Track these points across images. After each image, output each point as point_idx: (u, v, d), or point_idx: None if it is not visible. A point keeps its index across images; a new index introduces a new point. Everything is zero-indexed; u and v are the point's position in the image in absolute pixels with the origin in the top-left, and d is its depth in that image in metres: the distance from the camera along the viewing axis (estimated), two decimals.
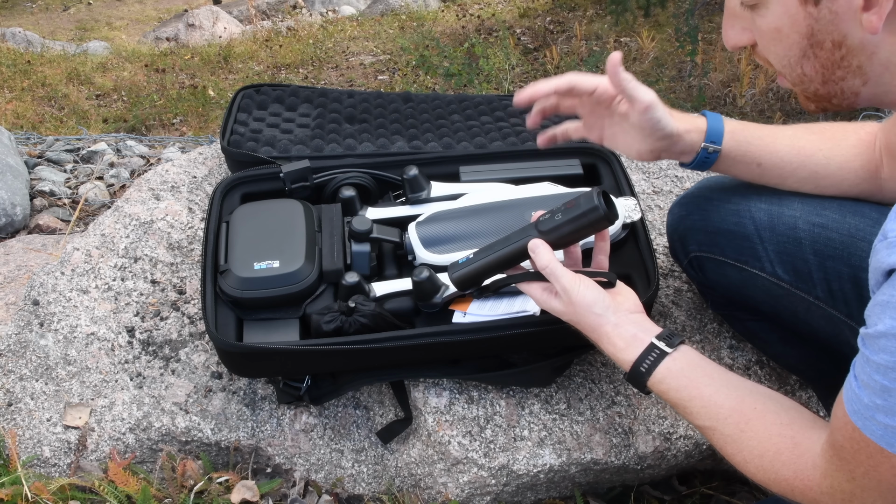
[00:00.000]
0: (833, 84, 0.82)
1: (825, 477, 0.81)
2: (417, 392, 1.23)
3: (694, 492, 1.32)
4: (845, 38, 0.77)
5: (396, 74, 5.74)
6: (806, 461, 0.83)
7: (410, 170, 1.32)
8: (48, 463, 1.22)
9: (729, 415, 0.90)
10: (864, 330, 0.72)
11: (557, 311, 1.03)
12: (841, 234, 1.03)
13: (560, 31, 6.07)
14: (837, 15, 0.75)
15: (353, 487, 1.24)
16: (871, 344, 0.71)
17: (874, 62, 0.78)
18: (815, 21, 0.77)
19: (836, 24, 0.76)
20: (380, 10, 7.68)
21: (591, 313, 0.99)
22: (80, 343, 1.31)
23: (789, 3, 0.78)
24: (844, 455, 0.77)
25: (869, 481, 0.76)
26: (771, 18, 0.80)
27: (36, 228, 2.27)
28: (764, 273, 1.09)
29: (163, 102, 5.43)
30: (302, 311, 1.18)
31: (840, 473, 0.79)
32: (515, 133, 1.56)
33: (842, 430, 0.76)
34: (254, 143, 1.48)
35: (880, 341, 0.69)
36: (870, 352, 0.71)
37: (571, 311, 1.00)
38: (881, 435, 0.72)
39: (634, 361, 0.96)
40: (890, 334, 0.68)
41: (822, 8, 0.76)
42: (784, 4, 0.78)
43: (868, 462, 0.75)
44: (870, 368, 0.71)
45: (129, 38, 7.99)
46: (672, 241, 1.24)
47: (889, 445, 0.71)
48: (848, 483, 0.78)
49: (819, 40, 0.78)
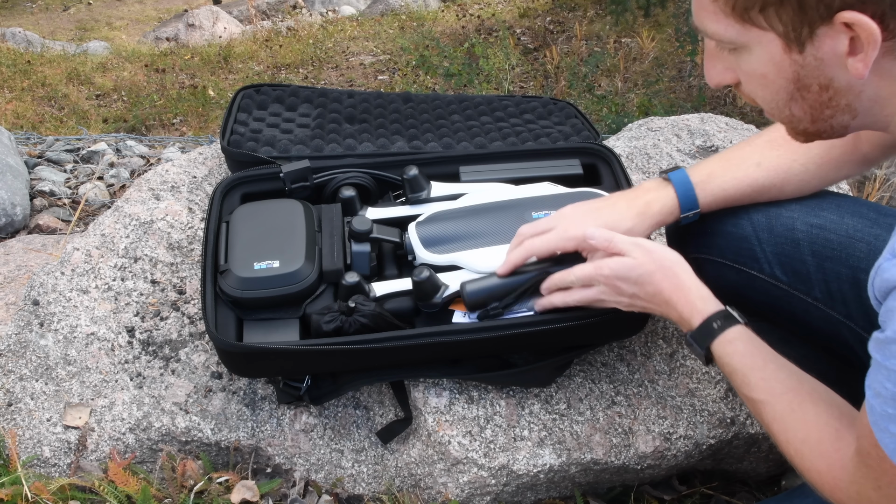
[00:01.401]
0: (822, 122, 0.80)
1: (853, 482, 0.80)
2: (417, 392, 1.23)
3: (694, 492, 1.32)
4: (832, 80, 0.75)
5: (396, 74, 5.74)
6: (840, 458, 0.82)
7: (410, 170, 1.32)
8: (48, 463, 1.22)
9: (784, 392, 0.89)
10: (876, 335, 0.71)
11: (624, 273, 1.01)
12: (839, 235, 1.03)
13: (560, 31, 6.07)
14: (823, 61, 0.74)
15: (353, 487, 1.24)
16: (884, 350, 0.70)
17: (862, 99, 0.76)
18: (801, 67, 0.75)
19: (822, 69, 0.74)
20: (380, 10, 7.68)
21: (670, 261, 1.00)
22: (80, 343, 1.31)
23: (773, 51, 0.76)
24: (870, 463, 0.76)
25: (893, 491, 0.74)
26: (755, 64, 0.78)
27: (36, 228, 2.27)
28: (762, 274, 1.09)
29: (163, 102, 5.43)
30: (302, 311, 1.18)
31: (867, 481, 0.77)
32: (515, 133, 1.56)
33: (867, 438, 0.75)
34: (254, 143, 1.48)
35: (891, 346, 0.69)
36: (881, 357, 0.70)
37: (649, 259, 1.00)
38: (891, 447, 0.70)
39: (709, 316, 0.96)
40: None
41: (808, 55, 0.74)
42: (768, 51, 0.76)
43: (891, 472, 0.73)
44: (881, 375, 0.70)
45: (129, 38, 7.99)
46: (670, 242, 1.24)
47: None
48: (874, 492, 0.77)
49: (806, 84, 0.77)
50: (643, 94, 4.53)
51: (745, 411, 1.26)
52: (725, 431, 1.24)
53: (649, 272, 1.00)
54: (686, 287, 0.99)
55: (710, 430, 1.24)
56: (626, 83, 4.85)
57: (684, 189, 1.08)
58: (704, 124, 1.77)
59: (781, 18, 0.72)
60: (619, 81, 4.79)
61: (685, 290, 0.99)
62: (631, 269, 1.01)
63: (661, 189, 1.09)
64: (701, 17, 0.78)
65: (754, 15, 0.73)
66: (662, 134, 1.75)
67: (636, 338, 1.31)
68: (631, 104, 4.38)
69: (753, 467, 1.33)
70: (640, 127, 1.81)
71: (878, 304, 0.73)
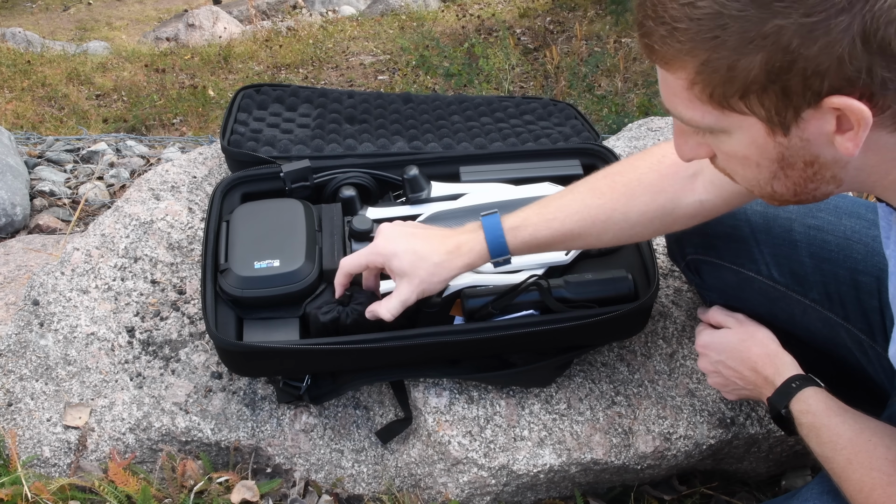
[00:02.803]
0: (806, 194, 0.77)
1: None
2: (417, 392, 1.23)
3: (694, 492, 1.32)
4: (818, 157, 0.71)
5: (396, 74, 5.74)
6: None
7: (411, 170, 1.32)
8: (48, 463, 1.22)
9: (845, 446, 0.89)
10: None
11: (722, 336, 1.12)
12: (836, 237, 1.03)
13: (560, 31, 6.07)
14: (809, 141, 0.70)
15: (353, 487, 1.24)
16: None
17: (848, 169, 0.73)
18: (786, 149, 0.71)
19: (808, 148, 0.71)
20: (380, 10, 7.68)
21: (767, 336, 1.07)
22: (80, 343, 1.31)
23: (756, 135, 0.71)
24: None
25: None
26: (736, 147, 0.74)
27: (36, 228, 2.27)
28: (760, 276, 1.09)
29: (163, 102, 5.43)
30: (302, 310, 1.18)
31: None
32: (515, 134, 1.56)
33: None
34: (254, 143, 1.48)
35: None
36: None
37: (745, 333, 1.09)
38: None
39: (790, 377, 1.00)
40: None
41: (793, 137, 0.69)
42: (750, 135, 0.71)
43: None
44: None
45: (129, 38, 7.99)
46: (669, 245, 1.24)
47: None
48: None
49: (791, 163, 0.72)
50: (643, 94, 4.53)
51: (744, 411, 1.26)
52: (725, 431, 1.24)
53: (742, 339, 1.09)
54: (772, 357, 1.05)
55: (710, 430, 1.24)
56: (626, 83, 4.85)
57: (494, 236, 1.06)
58: None
59: (764, 104, 0.68)
60: (619, 81, 4.80)
61: (772, 358, 1.05)
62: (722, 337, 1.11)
63: (473, 232, 1.08)
64: (674, 103, 0.73)
65: (734, 102, 0.68)
66: (662, 134, 1.75)
67: (636, 338, 1.31)
68: (631, 104, 4.39)
69: (753, 467, 1.33)
70: (640, 127, 1.82)
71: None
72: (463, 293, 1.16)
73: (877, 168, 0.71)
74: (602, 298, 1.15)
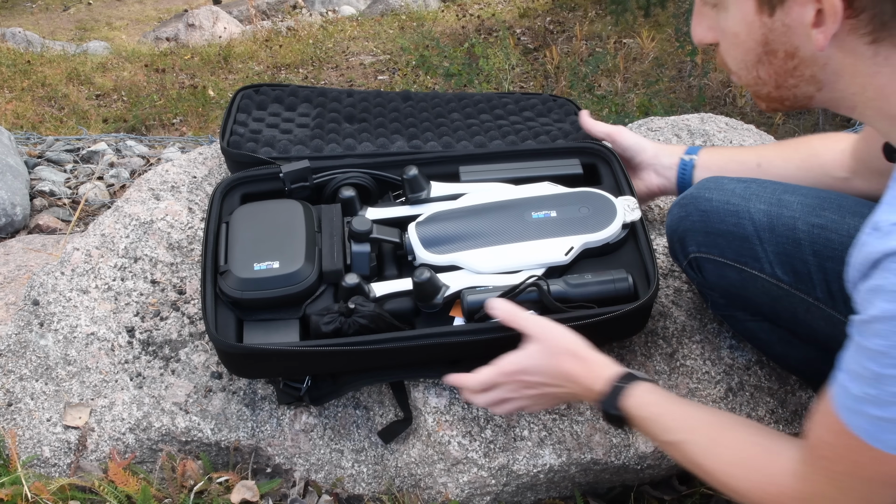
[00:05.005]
0: (786, 89, 0.83)
1: (802, 480, 0.81)
2: (417, 392, 1.23)
3: (694, 492, 1.32)
4: (798, 49, 0.78)
5: (396, 74, 5.74)
6: (779, 465, 0.84)
7: (410, 170, 1.32)
8: (48, 463, 1.22)
9: (701, 426, 0.93)
10: (855, 318, 0.72)
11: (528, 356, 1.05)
12: (840, 235, 1.03)
13: (560, 31, 6.07)
14: (790, 28, 0.76)
15: (353, 487, 1.24)
16: (864, 330, 0.71)
17: (827, 71, 0.79)
18: (770, 31, 0.78)
19: (789, 35, 0.77)
20: (380, 10, 7.68)
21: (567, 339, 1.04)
22: (80, 343, 1.31)
23: (746, 10, 0.79)
24: (825, 453, 0.78)
25: (851, 482, 0.76)
26: (731, 22, 0.82)
27: (36, 228, 2.27)
28: (763, 274, 1.09)
29: (163, 102, 5.43)
30: (302, 311, 1.18)
31: (818, 475, 0.79)
32: (515, 131, 1.55)
33: (825, 428, 0.77)
34: (253, 143, 1.48)
35: (874, 325, 0.69)
36: (862, 338, 0.71)
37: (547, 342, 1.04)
38: (867, 430, 0.72)
39: (613, 378, 1.00)
40: (884, 318, 0.68)
41: (776, 20, 0.77)
42: (742, 11, 0.79)
43: (851, 461, 0.75)
44: (862, 357, 0.71)
45: (129, 38, 8.00)
46: (671, 242, 1.24)
47: (876, 441, 0.71)
48: (827, 485, 0.78)
49: (773, 49, 0.80)
50: (643, 94, 4.53)
51: (744, 411, 1.26)
52: None
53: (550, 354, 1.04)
54: (586, 359, 1.03)
55: None
56: (626, 83, 4.85)
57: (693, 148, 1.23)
58: (704, 124, 1.77)
59: None
60: (620, 81, 4.80)
61: (587, 361, 1.03)
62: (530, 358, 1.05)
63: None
64: None
65: None
66: (662, 134, 1.75)
67: (636, 338, 1.31)
68: (631, 104, 4.39)
69: None
70: (641, 127, 1.81)
71: (855, 285, 0.74)
72: (462, 294, 1.16)
73: (854, 79, 0.77)
74: (601, 299, 1.14)
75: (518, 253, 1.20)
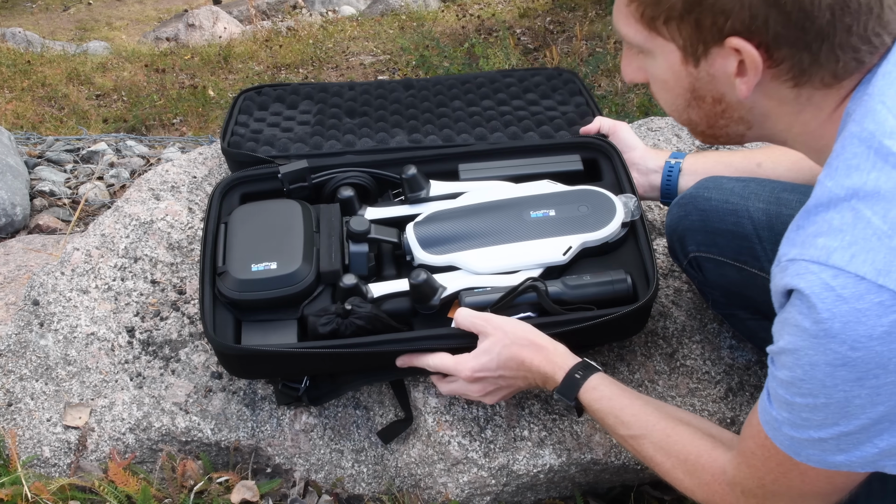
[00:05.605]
0: (719, 129, 0.86)
1: (735, 484, 0.85)
2: (417, 392, 1.23)
3: None
4: (724, 95, 0.81)
5: (396, 74, 5.74)
6: (718, 469, 0.88)
7: (409, 169, 1.32)
8: (48, 463, 1.22)
9: (657, 422, 0.96)
10: (769, 347, 0.76)
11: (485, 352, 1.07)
12: None
13: (560, 31, 6.07)
14: (715, 77, 0.79)
15: (353, 487, 1.24)
16: (775, 360, 0.75)
17: (755, 113, 0.82)
18: (696, 80, 0.80)
19: (714, 84, 0.80)
20: (380, 10, 7.68)
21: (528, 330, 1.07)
22: (80, 343, 1.31)
23: (673, 61, 0.81)
24: (755, 462, 0.81)
25: (778, 487, 0.80)
26: (659, 70, 0.83)
27: (36, 228, 2.27)
28: (763, 273, 1.09)
29: (163, 102, 5.43)
30: (300, 312, 1.17)
31: (750, 481, 0.83)
32: (517, 119, 1.54)
33: (754, 438, 0.81)
34: (253, 143, 1.48)
35: (781, 357, 0.73)
36: (773, 367, 0.75)
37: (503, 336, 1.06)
38: (789, 446, 0.76)
39: (570, 368, 1.02)
40: (788, 350, 0.71)
41: (702, 70, 0.79)
42: (668, 60, 0.81)
43: (777, 469, 0.79)
44: (775, 383, 0.75)
45: (129, 38, 8.00)
46: (671, 242, 1.24)
47: (798, 455, 0.76)
48: (759, 489, 0.83)
49: (701, 95, 0.82)
50: (643, 94, 4.53)
51: (744, 411, 1.26)
52: None
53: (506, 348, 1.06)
54: (546, 349, 1.06)
55: None
56: (625, 83, 4.85)
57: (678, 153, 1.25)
58: None
59: (681, 33, 0.77)
60: (619, 81, 4.79)
61: (546, 351, 1.05)
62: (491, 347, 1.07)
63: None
64: (618, 18, 0.83)
65: (659, 25, 0.78)
66: (663, 134, 1.75)
67: (636, 338, 1.31)
68: (631, 104, 4.38)
69: None
70: (641, 127, 1.81)
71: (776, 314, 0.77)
72: (460, 295, 1.16)
73: (780, 119, 0.80)
74: (600, 300, 1.14)
75: (516, 253, 1.20)
